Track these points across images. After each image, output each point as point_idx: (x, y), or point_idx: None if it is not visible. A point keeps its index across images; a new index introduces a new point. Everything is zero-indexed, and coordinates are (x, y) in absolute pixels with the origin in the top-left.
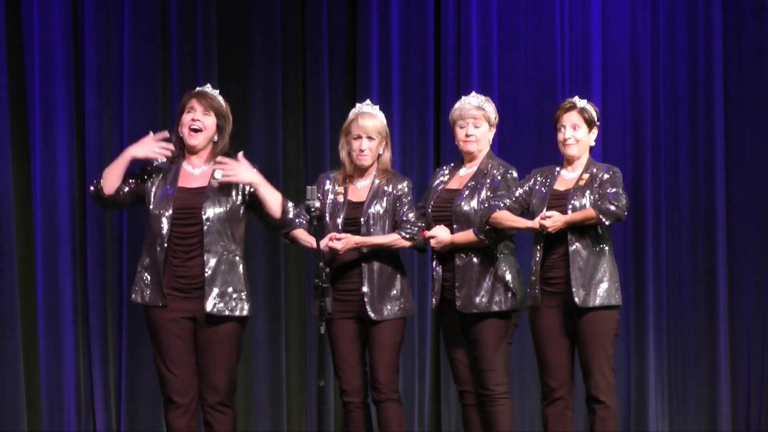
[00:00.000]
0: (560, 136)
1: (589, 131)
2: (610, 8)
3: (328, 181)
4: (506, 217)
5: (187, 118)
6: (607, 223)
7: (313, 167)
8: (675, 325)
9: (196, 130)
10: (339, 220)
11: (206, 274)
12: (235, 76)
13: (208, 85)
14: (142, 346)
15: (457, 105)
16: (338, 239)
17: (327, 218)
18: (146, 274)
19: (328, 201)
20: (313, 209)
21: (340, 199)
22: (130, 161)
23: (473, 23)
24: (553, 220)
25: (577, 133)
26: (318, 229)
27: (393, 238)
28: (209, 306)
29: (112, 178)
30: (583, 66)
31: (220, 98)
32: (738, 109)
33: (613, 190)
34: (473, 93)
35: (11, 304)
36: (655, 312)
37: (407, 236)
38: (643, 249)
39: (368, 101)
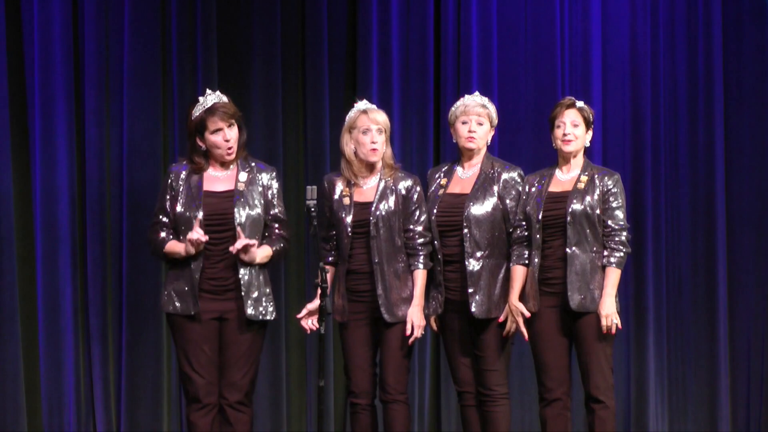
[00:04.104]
0: (558, 133)
1: (586, 131)
2: (610, 8)
3: (338, 181)
4: (516, 279)
5: (217, 139)
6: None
7: (313, 167)
8: (675, 325)
9: (231, 147)
10: (347, 222)
11: (242, 280)
12: (235, 76)
13: (209, 91)
14: (142, 346)
15: (459, 102)
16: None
17: (334, 221)
18: (176, 283)
19: (335, 202)
20: (313, 210)
21: (347, 201)
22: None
23: (473, 23)
24: (608, 317)
25: (576, 131)
26: (318, 229)
27: (422, 282)
28: (249, 311)
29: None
30: (583, 66)
31: (226, 99)
32: (738, 109)
33: (619, 224)
34: (476, 92)
35: (11, 304)
36: (655, 312)
37: (423, 266)
38: (643, 249)
39: (365, 100)
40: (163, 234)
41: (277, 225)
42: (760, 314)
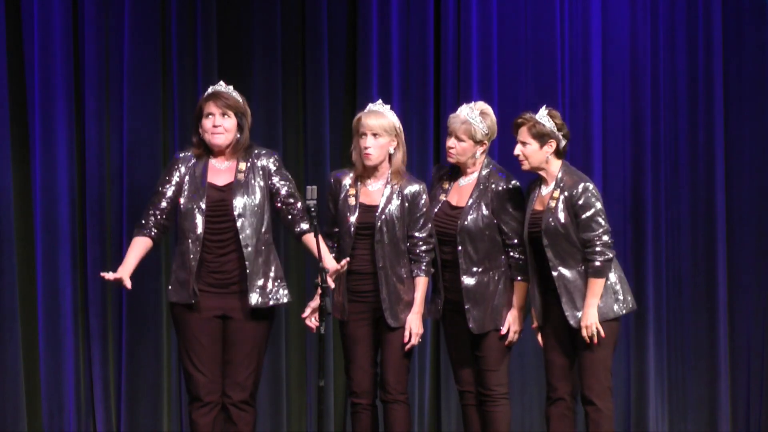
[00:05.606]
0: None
1: (542, 146)
2: (610, 8)
3: (345, 179)
4: (517, 294)
5: (207, 124)
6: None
7: (313, 167)
8: (675, 325)
9: (218, 133)
10: (351, 223)
11: (248, 271)
12: (235, 76)
13: (221, 83)
14: (142, 346)
15: (455, 112)
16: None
17: (338, 219)
18: (177, 272)
19: (340, 200)
20: (313, 210)
21: (352, 201)
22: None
23: (473, 23)
24: (588, 328)
25: (526, 149)
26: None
27: (423, 289)
28: (253, 300)
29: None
30: (583, 66)
31: (235, 94)
32: (738, 109)
33: (595, 232)
34: (472, 103)
35: (11, 304)
36: (655, 312)
37: (424, 274)
38: (643, 249)
39: (380, 101)
40: (146, 225)
41: (292, 201)
42: (760, 314)
